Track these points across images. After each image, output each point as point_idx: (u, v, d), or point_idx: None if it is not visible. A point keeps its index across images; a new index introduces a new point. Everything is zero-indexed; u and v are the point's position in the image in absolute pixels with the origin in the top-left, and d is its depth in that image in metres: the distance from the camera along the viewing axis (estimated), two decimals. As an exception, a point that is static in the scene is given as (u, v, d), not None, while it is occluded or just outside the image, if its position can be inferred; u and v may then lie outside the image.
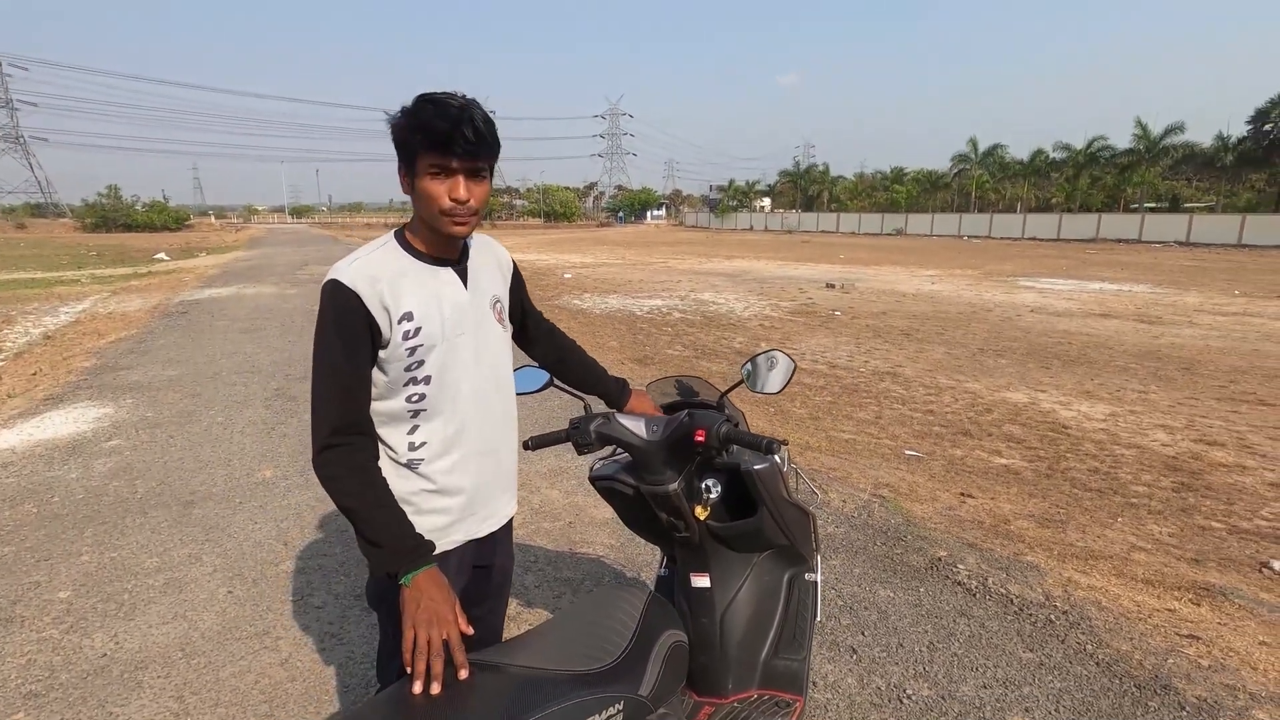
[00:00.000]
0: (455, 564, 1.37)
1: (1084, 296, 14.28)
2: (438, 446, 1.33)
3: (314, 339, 1.25)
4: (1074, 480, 4.49)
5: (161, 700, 2.26)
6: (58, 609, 2.79)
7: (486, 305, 1.41)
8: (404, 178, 1.26)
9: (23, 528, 3.53)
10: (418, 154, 1.21)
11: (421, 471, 1.33)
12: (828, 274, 19.01)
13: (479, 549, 1.46)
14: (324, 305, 1.23)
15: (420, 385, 1.30)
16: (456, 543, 1.37)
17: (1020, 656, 2.42)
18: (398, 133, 1.22)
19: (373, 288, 1.23)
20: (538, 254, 27.36)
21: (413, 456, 1.32)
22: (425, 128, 1.18)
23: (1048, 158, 55.26)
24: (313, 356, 1.25)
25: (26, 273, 18.94)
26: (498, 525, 1.49)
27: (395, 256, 1.30)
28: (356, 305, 1.21)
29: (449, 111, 1.18)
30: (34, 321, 10.66)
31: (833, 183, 79.66)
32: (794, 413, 5.96)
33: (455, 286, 1.34)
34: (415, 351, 1.27)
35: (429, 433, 1.33)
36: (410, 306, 1.26)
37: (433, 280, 1.31)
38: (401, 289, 1.25)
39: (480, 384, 1.38)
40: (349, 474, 1.22)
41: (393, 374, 1.28)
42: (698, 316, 11.38)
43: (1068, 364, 7.93)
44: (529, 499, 3.82)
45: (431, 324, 1.28)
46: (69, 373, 7.01)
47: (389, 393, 1.29)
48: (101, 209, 57.55)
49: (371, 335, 1.24)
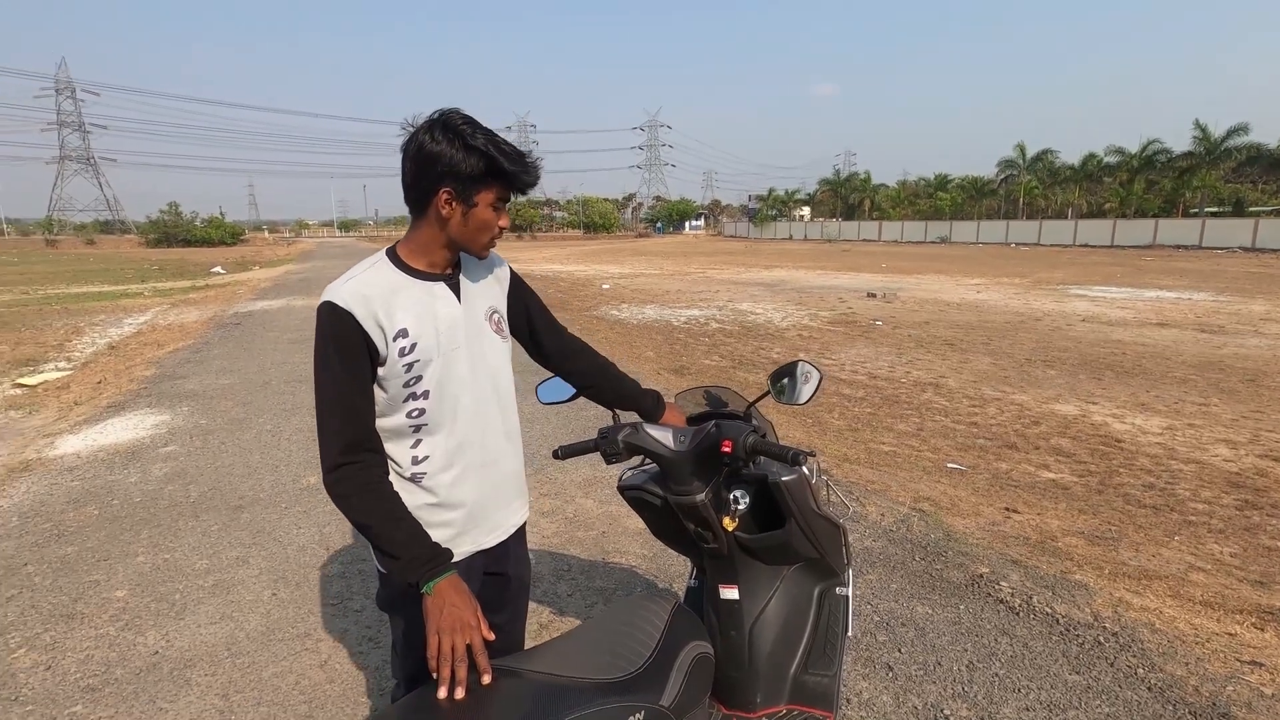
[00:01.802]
0: (463, 574, 1.37)
1: (1139, 305, 13.73)
2: (440, 460, 1.35)
3: (314, 361, 1.26)
4: (1127, 496, 4.31)
5: (208, 698, 2.34)
6: (115, 607, 2.92)
7: (482, 317, 1.41)
8: (448, 202, 1.26)
9: (85, 529, 3.70)
10: (489, 188, 1.26)
11: (425, 485, 1.35)
12: (869, 283, 18.70)
13: (491, 558, 1.47)
14: (320, 327, 1.25)
15: (420, 400, 1.31)
16: (465, 553, 1.39)
17: (1066, 679, 2.33)
18: (467, 167, 1.23)
19: (366, 307, 1.24)
20: (576, 265, 27.63)
21: (416, 470, 1.34)
22: (510, 170, 1.26)
23: (1100, 162, 53.44)
24: (314, 379, 1.26)
25: (95, 286, 19.97)
26: (506, 535, 1.50)
27: (388, 274, 1.31)
28: (352, 325, 1.23)
29: (524, 154, 1.27)
30: (100, 332, 11.21)
31: (874, 190, 78.45)
32: (832, 424, 5.87)
33: (448, 300, 1.35)
34: (412, 367, 1.29)
35: (431, 447, 1.35)
36: (404, 323, 1.27)
37: (426, 295, 1.32)
38: (394, 306, 1.27)
39: (479, 396, 1.39)
40: (361, 492, 1.24)
41: (392, 391, 1.30)
42: (735, 326, 11.32)
43: (1121, 375, 7.63)
44: (563, 508, 3.85)
45: (426, 339, 1.30)
46: (130, 381, 7.35)
47: (390, 409, 1.31)
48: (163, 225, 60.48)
49: (369, 353, 1.25)
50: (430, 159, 1.23)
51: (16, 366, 8.48)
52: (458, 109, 1.27)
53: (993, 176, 63.88)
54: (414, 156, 1.25)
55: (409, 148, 1.26)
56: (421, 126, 1.25)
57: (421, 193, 1.27)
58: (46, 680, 2.44)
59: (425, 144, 1.23)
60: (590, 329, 11.05)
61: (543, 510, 3.83)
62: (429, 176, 1.25)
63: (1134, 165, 50.15)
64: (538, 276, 21.62)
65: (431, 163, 1.23)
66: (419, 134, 1.25)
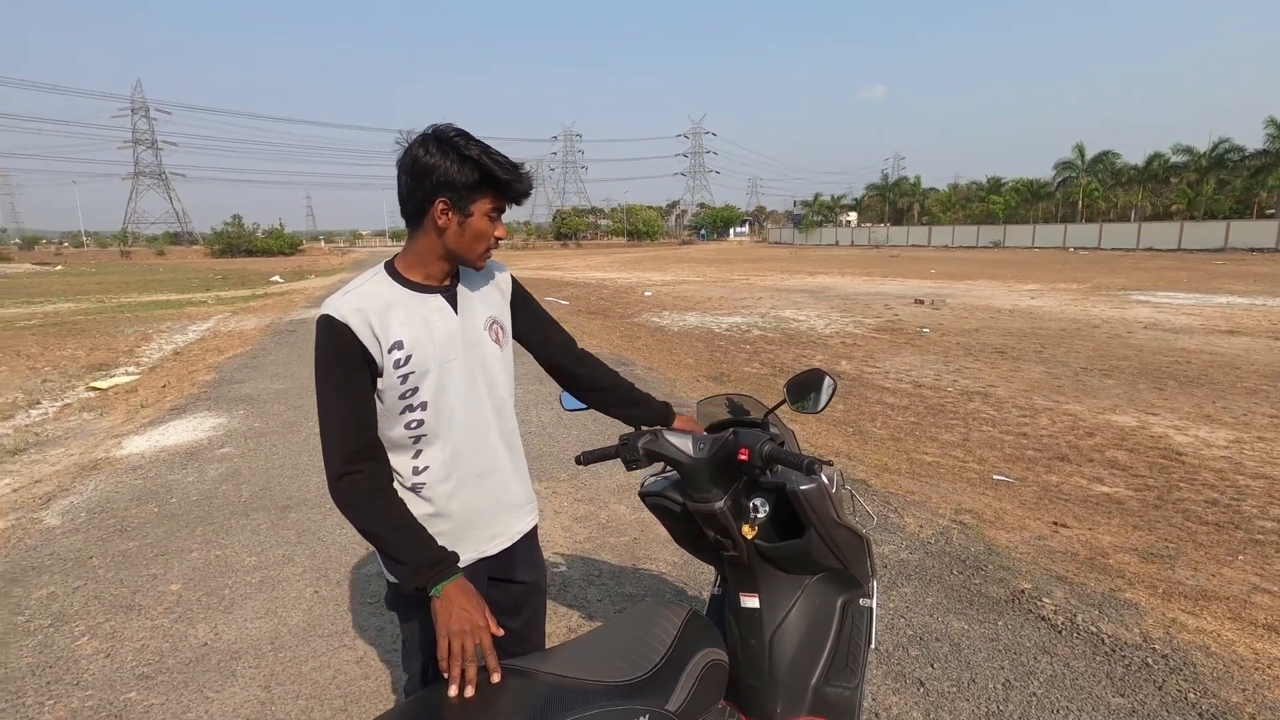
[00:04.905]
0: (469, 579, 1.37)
1: (1208, 311, 13.05)
2: (439, 471, 1.38)
3: (315, 374, 1.29)
4: (1187, 512, 4.10)
5: (251, 689, 2.44)
6: (169, 600, 3.07)
7: (481, 327, 1.43)
8: (446, 213, 1.29)
9: (145, 525, 3.91)
10: (483, 198, 1.29)
11: (425, 495, 1.38)
12: (917, 289, 18.28)
13: (497, 564, 1.49)
14: (319, 339, 1.28)
15: (418, 412, 1.34)
16: (468, 561, 1.40)
17: (1109, 701, 2.23)
18: (461, 178, 1.26)
19: (362, 319, 1.26)
20: (619, 272, 27.80)
21: (416, 481, 1.37)
22: (502, 180, 1.28)
23: (1166, 161, 51.09)
24: (316, 391, 1.29)
25: (163, 295, 21.05)
26: (509, 542, 1.51)
27: (385, 287, 1.33)
28: (349, 337, 1.26)
29: (514, 163, 1.29)
30: (167, 339, 11.81)
31: (924, 195, 76.71)
32: (873, 433, 5.76)
33: (445, 312, 1.37)
34: (408, 379, 1.31)
35: (430, 457, 1.37)
36: (399, 335, 1.29)
37: (422, 308, 1.34)
38: (390, 319, 1.29)
39: (476, 407, 1.41)
40: (365, 500, 1.27)
41: (389, 402, 1.32)
42: (777, 334, 11.21)
43: (1185, 385, 7.26)
44: (597, 514, 3.88)
45: (422, 351, 1.32)
46: (192, 385, 7.71)
47: (389, 421, 1.34)
48: (227, 236, 63.43)
49: (368, 364, 1.28)
50: (425, 171, 1.26)
51: (91, 371, 9.01)
52: (450, 124, 1.30)
53: (1049, 179, 61.73)
54: (409, 169, 1.28)
55: (404, 161, 1.29)
56: (415, 140, 1.29)
57: (417, 204, 1.29)
58: (105, 667, 2.58)
59: (420, 157, 1.26)
60: (631, 336, 11.11)
61: (576, 515, 3.87)
62: (424, 188, 1.27)
63: (1203, 165, 47.82)
64: (581, 284, 21.84)
65: (426, 174, 1.26)
66: (413, 148, 1.28)
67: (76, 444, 5.81)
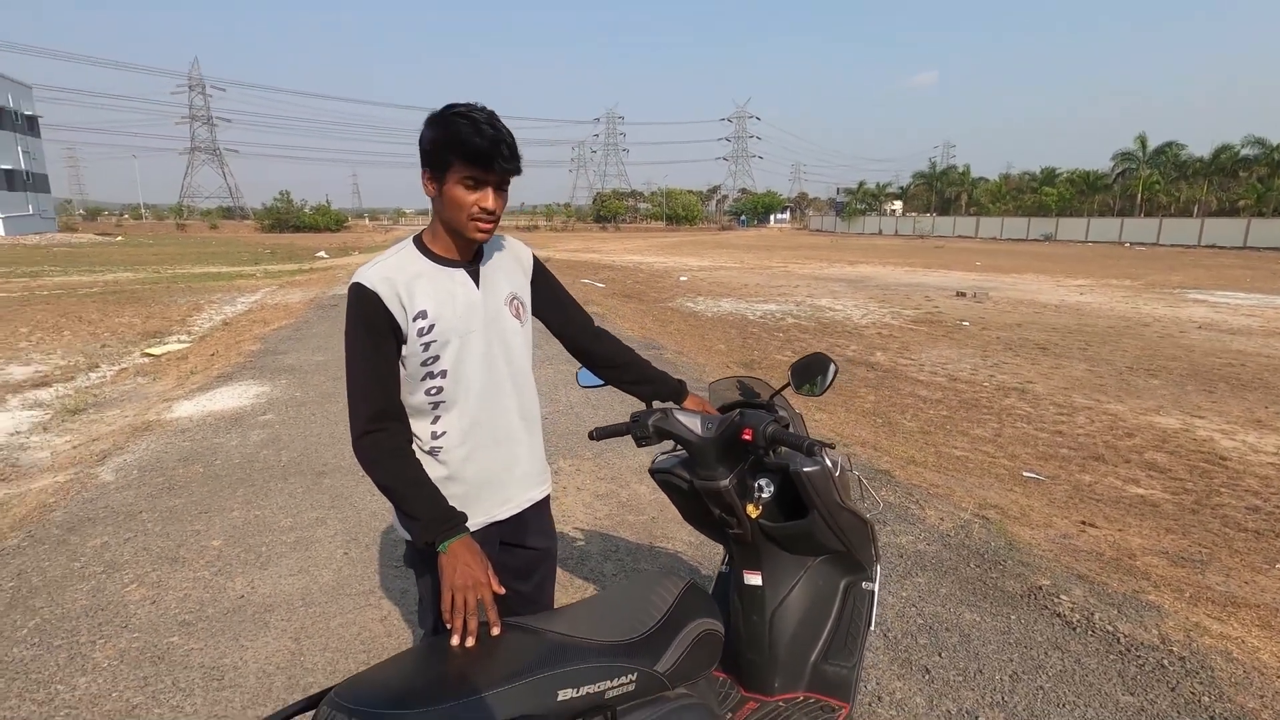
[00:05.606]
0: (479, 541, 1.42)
1: (1269, 313, 12.47)
2: (456, 437, 1.45)
3: (345, 337, 1.37)
4: (1225, 518, 3.98)
5: (282, 640, 2.58)
6: (210, 554, 3.25)
7: (501, 302, 1.49)
8: (429, 182, 1.36)
9: (191, 484, 4.12)
10: (452, 165, 1.32)
11: (441, 459, 1.45)
12: (960, 282, 17.84)
13: (507, 529, 1.55)
14: (350, 306, 1.36)
15: (438, 379, 1.41)
16: (479, 524, 1.47)
17: (1118, 699, 2.21)
18: (432, 145, 1.32)
19: (390, 289, 1.34)
20: (656, 257, 27.74)
21: (434, 445, 1.45)
22: (466, 144, 1.29)
23: (1235, 154, 48.53)
24: (345, 353, 1.37)
25: (215, 267, 21.82)
26: (520, 508, 1.56)
27: (412, 259, 1.41)
28: (377, 304, 1.33)
29: (488, 130, 1.29)
30: (217, 309, 12.27)
31: (973, 184, 74.42)
32: (903, 425, 5.70)
33: (468, 286, 1.44)
34: (430, 347, 1.38)
35: (448, 423, 1.44)
36: (424, 305, 1.36)
37: (447, 281, 1.41)
38: (416, 290, 1.37)
39: (493, 378, 1.47)
40: (386, 457, 1.35)
41: (411, 368, 1.41)
42: (812, 323, 11.10)
43: (1237, 388, 6.99)
44: (618, 492, 3.95)
45: (445, 321, 1.39)
46: (239, 355, 8.03)
47: (410, 387, 1.42)
48: (276, 212, 65.04)
49: (393, 331, 1.36)
50: (420, 146, 1.35)
51: (146, 338, 9.44)
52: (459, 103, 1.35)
53: (1107, 171, 59.25)
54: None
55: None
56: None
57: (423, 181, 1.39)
58: (151, 613, 2.76)
59: (421, 136, 1.35)
60: (664, 320, 11.13)
61: (598, 493, 3.94)
62: (425, 164, 1.36)
63: (1276, 159, 45.26)
64: (617, 267, 21.88)
65: (420, 150, 1.35)
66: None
67: (131, 406, 6.12)
